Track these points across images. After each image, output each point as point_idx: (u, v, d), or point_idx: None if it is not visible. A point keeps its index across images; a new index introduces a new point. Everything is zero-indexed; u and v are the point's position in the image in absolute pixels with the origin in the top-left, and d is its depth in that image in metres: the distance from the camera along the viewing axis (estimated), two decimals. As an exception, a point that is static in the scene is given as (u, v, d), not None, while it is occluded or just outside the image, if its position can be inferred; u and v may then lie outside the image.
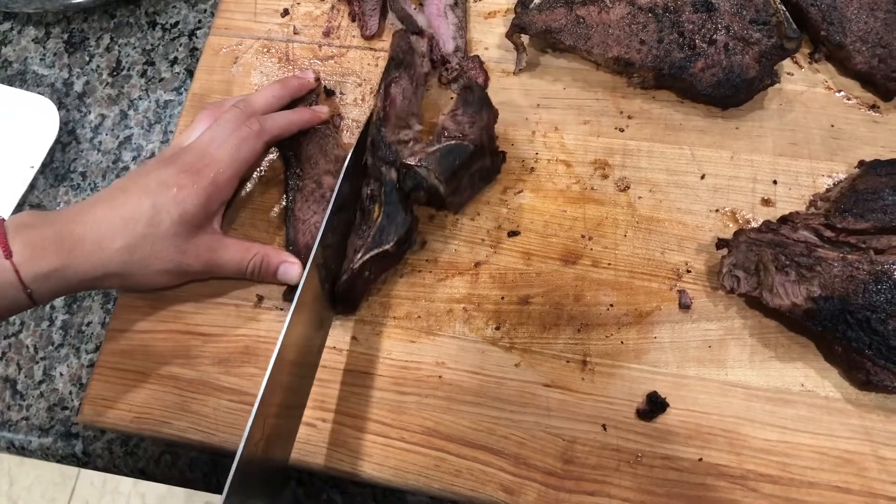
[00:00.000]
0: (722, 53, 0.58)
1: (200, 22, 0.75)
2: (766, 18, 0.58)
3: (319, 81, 0.66)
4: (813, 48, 0.63)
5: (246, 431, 0.43)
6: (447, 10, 0.66)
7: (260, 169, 0.63)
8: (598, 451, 0.50)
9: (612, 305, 0.54)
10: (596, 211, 0.58)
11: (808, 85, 0.61)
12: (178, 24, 0.75)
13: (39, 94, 0.72)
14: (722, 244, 0.54)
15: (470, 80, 0.58)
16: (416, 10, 0.66)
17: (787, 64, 0.62)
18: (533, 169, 0.60)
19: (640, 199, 0.58)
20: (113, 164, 0.69)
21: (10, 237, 0.48)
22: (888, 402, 0.50)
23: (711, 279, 0.55)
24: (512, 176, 0.60)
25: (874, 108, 0.60)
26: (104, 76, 0.73)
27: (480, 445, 0.51)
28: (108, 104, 0.72)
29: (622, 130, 0.61)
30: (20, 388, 0.61)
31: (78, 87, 0.73)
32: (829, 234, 0.52)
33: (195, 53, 0.73)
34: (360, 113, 0.65)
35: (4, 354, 0.62)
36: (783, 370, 0.51)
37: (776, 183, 0.58)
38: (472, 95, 0.56)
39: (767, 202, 0.57)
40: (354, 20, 0.69)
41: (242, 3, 0.71)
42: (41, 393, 0.60)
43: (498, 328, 0.55)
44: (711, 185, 0.58)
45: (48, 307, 0.63)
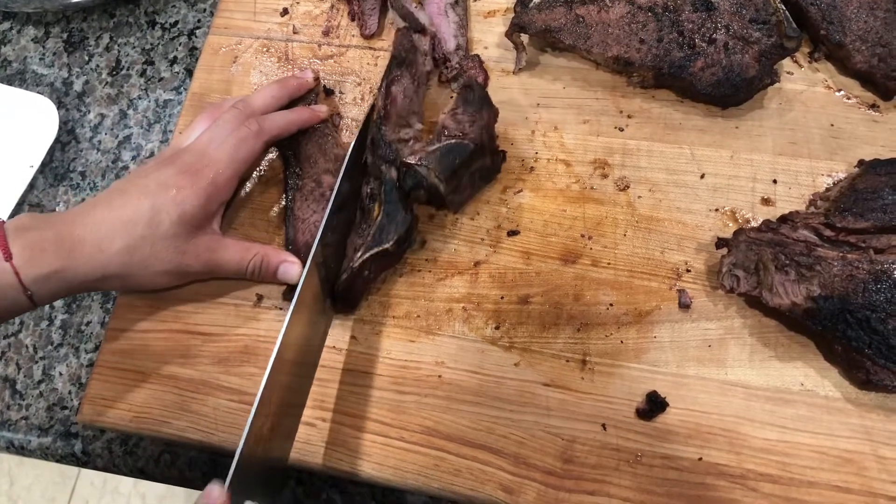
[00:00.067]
0: (722, 53, 0.58)
1: (200, 21, 0.75)
2: (765, 17, 0.58)
3: (318, 81, 0.66)
4: (813, 47, 0.63)
5: (245, 430, 0.43)
6: (448, 8, 0.66)
7: (259, 169, 0.63)
8: (597, 450, 0.50)
9: (611, 305, 0.54)
10: (595, 210, 0.58)
11: (807, 84, 0.61)
12: (177, 23, 0.75)
13: (39, 93, 0.72)
14: (722, 243, 0.54)
15: (470, 78, 0.58)
16: (416, 8, 0.66)
17: (786, 63, 0.62)
18: (532, 168, 0.60)
19: (639, 198, 0.58)
20: (112, 163, 0.69)
21: (9, 239, 0.48)
22: (888, 401, 0.50)
23: (711, 278, 0.55)
24: (511, 175, 0.60)
25: (874, 107, 0.60)
26: (104, 75, 0.73)
27: (480, 445, 0.51)
28: (107, 103, 0.72)
29: (622, 130, 0.61)
30: (20, 387, 0.61)
31: (77, 86, 0.73)
32: (828, 233, 0.52)
33: (194, 53, 0.73)
34: (359, 112, 0.65)
35: (4, 354, 0.62)
36: (783, 369, 0.51)
37: (776, 182, 0.58)
38: (472, 94, 0.56)
39: (767, 201, 0.57)
40: (354, 19, 0.69)
41: (242, 2, 0.71)
42: (41, 392, 0.60)
43: (497, 328, 0.55)
44: (711, 184, 0.58)
45: (47, 307, 0.63)
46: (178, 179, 0.53)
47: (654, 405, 0.51)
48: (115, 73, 0.73)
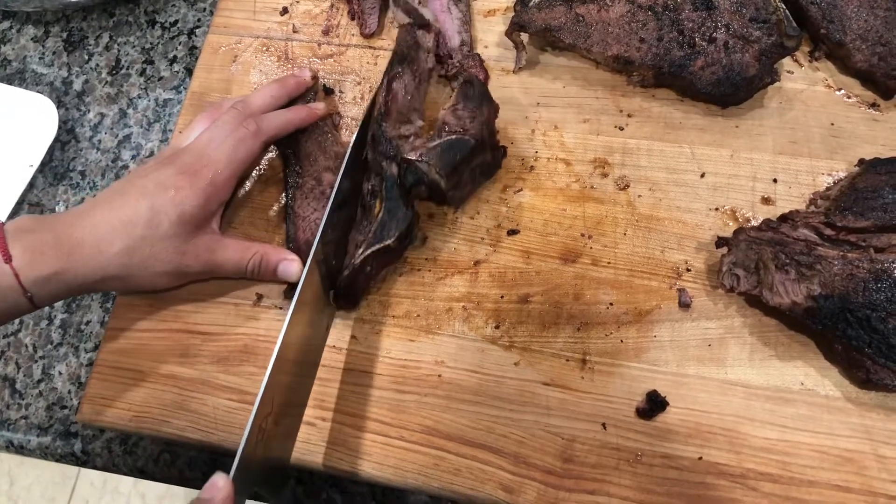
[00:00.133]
0: (722, 52, 0.58)
1: (199, 20, 0.75)
2: (765, 16, 0.58)
3: (317, 79, 0.66)
4: (813, 46, 0.62)
5: (247, 429, 0.43)
6: (451, 5, 0.66)
7: (259, 168, 0.63)
8: (597, 449, 0.50)
9: (611, 304, 0.54)
10: (595, 209, 0.58)
11: (808, 83, 0.61)
12: (177, 22, 0.75)
13: (38, 92, 0.72)
14: (722, 242, 0.54)
15: (470, 74, 0.58)
16: (419, 5, 0.66)
17: (787, 62, 0.62)
18: (532, 167, 0.60)
19: (639, 197, 0.58)
20: (112, 162, 0.69)
21: (9, 241, 0.48)
22: (888, 400, 0.50)
23: (711, 278, 0.55)
24: (511, 174, 0.60)
25: (874, 106, 0.60)
26: (103, 75, 0.73)
27: (480, 444, 0.51)
28: (107, 103, 0.72)
29: (622, 129, 0.61)
30: (19, 387, 0.61)
31: (77, 85, 0.73)
32: (829, 232, 0.52)
33: (194, 52, 0.73)
34: (359, 111, 0.65)
35: (3, 353, 0.62)
36: (783, 369, 0.51)
37: (776, 181, 0.58)
38: (472, 90, 0.56)
39: (767, 200, 0.57)
40: (354, 18, 0.69)
41: (241, 1, 0.71)
42: (40, 392, 0.60)
43: (497, 327, 0.55)
44: (711, 183, 0.58)
45: (47, 306, 0.63)
46: (176, 180, 0.53)
47: (654, 404, 0.51)
48: (114, 72, 0.73)
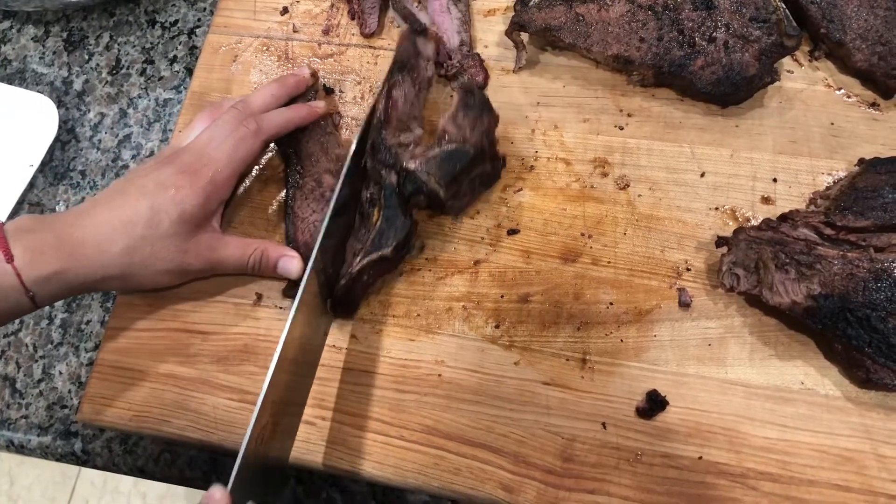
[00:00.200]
0: (722, 51, 0.58)
1: (200, 20, 0.75)
2: (765, 16, 0.58)
3: (316, 76, 0.66)
4: (813, 46, 0.62)
5: (247, 435, 0.43)
6: (450, 5, 0.66)
7: (258, 166, 0.63)
8: (597, 449, 0.50)
9: (611, 304, 0.54)
10: (595, 209, 0.58)
11: (807, 83, 0.61)
12: (177, 22, 0.75)
13: (39, 92, 0.72)
14: (722, 242, 0.54)
15: (470, 82, 0.57)
16: (417, 7, 0.66)
17: (786, 62, 0.62)
18: (532, 167, 0.60)
19: (639, 197, 0.58)
20: (112, 162, 0.69)
21: (10, 241, 0.48)
22: (888, 399, 0.50)
23: (711, 277, 0.55)
24: (512, 174, 0.60)
25: (874, 105, 0.60)
26: (103, 74, 0.73)
27: (480, 444, 0.51)
28: (107, 103, 0.72)
29: (622, 128, 0.61)
30: (19, 386, 0.61)
31: (77, 85, 0.73)
32: (828, 231, 0.52)
33: (194, 52, 0.73)
34: (359, 111, 0.65)
35: (4, 353, 0.62)
36: (783, 368, 0.51)
37: (776, 181, 0.58)
38: (472, 99, 0.55)
39: (767, 200, 0.57)
40: (354, 18, 0.69)
41: (242, 1, 0.71)
42: (40, 391, 0.60)
43: (497, 326, 0.55)
44: (711, 183, 0.58)
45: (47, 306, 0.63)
46: (176, 179, 0.53)
47: (654, 404, 0.51)
48: (115, 72, 0.73)
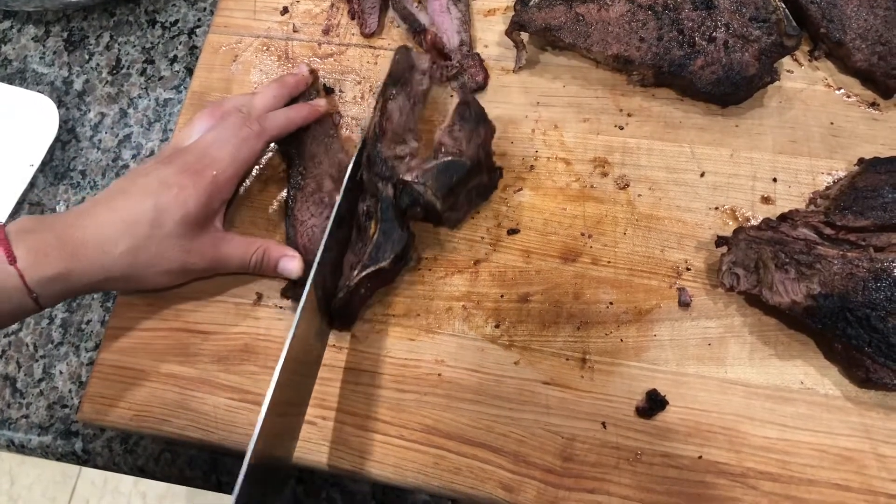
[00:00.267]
0: (721, 51, 0.58)
1: (200, 20, 0.75)
2: (765, 16, 0.58)
3: (315, 75, 0.66)
4: (813, 45, 0.62)
5: (256, 430, 0.43)
6: (450, 4, 0.66)
7: (259, 165, 0.63)
8: (597, 448, 0.50)
9: (611, 303, 0.54)
10: (595, 209, 0.58)
11: (807, 82, 0.61)
12: (177, 22, 0.75)
13: (39, 92, 0.72)
14: (721, 242, 0.54)
15: (466, 94, 0.57)
16: (417, 7, 0.66)
17: (786, 61, 0.62)
18: (532, 167, 0.60)
19: (639, 196, 0.58)
20: (112, 162, 0.69)
21: (12, 242, 0.48)
22: (888, 399, 0.50)
23: (711, 277, 0.55)
24: (512, 174, 0.60)
25: (874, 105, 0.60)
26: (104, 74, 0.73)
27: (480, 443, 0.51)
28: (107, 102, 0.72)
29: (622, 128, 0.61)
30: (20, 386, 0.61)
31: (78, 85, 0.73)
32: (828, 231, 0.52)
33: (195, 52, 0.73)
34: (359, 111, 0.65)
35: (4, 352, 0.62)
36: (783, 368, 0.51)
37: (776, 181, 0.58)
38: (468, 111, 0.55)
39: (767, 200, 0.57)
40: (354, 18, 0.69)
41: (242, 1, 0.71)
42: (41, 391, 0.60)
43: (497, 326, 0.55)
44: (711, 182, 0.58)
45: (48, 305, 0.63)
46: (179, 178, 0.53)
47: (653, 403, 0.51)
48: (115, 71, 0.73)
